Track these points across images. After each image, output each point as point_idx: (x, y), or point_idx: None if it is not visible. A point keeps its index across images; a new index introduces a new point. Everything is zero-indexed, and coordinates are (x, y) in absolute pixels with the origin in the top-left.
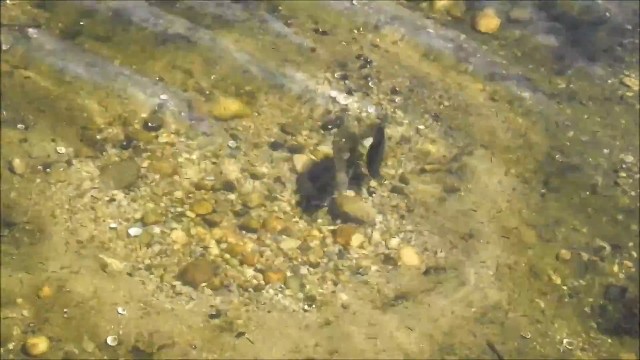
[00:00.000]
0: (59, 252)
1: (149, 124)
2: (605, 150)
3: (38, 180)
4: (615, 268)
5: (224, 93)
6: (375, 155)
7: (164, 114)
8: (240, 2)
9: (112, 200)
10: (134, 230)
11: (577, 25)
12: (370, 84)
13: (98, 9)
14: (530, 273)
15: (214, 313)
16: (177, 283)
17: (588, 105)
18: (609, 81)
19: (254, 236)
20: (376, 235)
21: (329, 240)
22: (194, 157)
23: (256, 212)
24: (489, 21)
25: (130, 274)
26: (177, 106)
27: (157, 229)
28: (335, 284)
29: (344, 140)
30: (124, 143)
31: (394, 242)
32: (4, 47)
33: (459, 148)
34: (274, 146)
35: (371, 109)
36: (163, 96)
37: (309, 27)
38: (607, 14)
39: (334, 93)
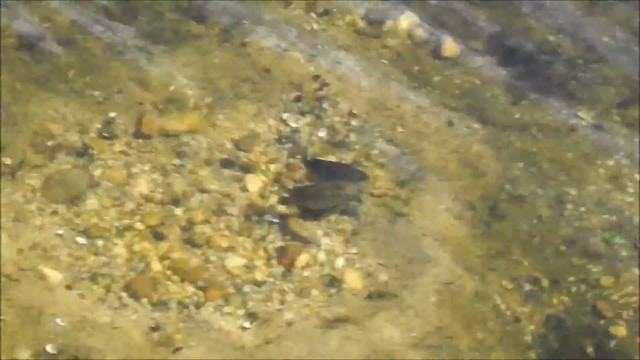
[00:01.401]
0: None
1: (103, 134)
2: (552, 182)
3: None
4: (555, 300)
5: (176, 109)
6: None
7: (116, 126)
8: (199, 19)
9: (56, 210)
10: (79, 241)
11: (532, 58)
12: (324, 106)
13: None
14: (474, 300)
15: (154, 326)
16: (123, 295)
17: (539, 138)
18: (561, 115)
19: (199, 252)
20: (322, 257)
21: (274, 260)
22: (145, 169)
23: (201, 228)
24: (450, 47)
25: (69, 286)
26: (129, 120)
27: (101, 241)
28: (279, 302)
29: (295, 160)
30: (78, 151)
31: (339, 264)
32: None
33: (409, 173)
34: (225, 164)
35: (323, 132)
36: (112, 114)
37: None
38: (560, 49)
39: (285, 115)
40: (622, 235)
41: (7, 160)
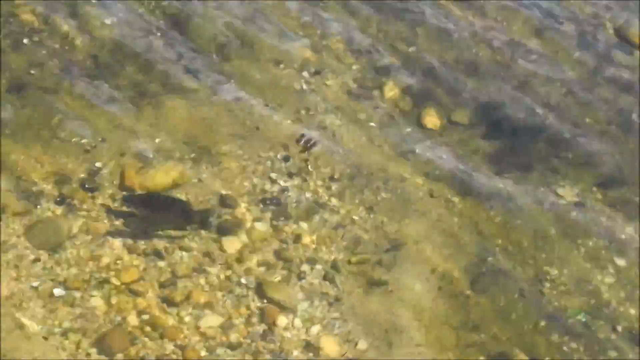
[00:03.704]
0: None
1: (85, 185)
2: (531, 261)
3: None
4: None
5: (161, 162)
6: None
7: (100, 177)
8: (191, 71)
9: (36, 259)
10: (56, 292)
11: (517, 131)
12: (310, 168)
13: (48, 62)
14: None
15: None
16: (93, 351)
17: (519, 213)
18: (543, 191)
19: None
20: (297, 322)
21: (254, 319)
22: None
23: (182, 284)
24: (433, 119)
25: (45, 338)
26: (112, 172)
27: (78, 293)
28: None
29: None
30: (58, 199)
31: (315, 329)
32: None
33: (389, 241)
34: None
35: (308, 195)
36: (98, 164)
37: (258, 103)
38: (547, 122)
39: (274, 174)
40: (599, 317)
41: None
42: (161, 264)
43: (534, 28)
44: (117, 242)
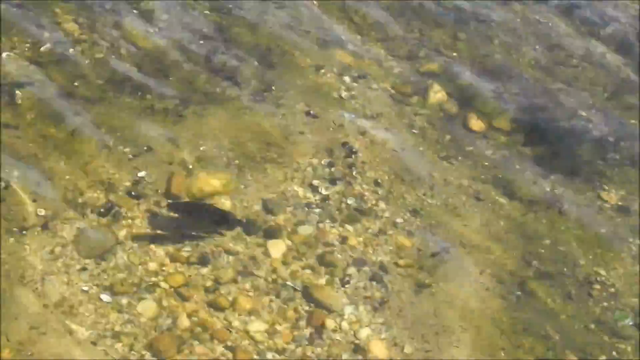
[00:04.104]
0: (25, 315)
1: (132, 193)
2: (578, 264)
3: (12, 239)
4: None
5: (206, 169)
6: None
7: (145, 185)
8: (234, 79)
9: (85, 266)
10: (104, 297)
11: (561, 134)
12: (354, 173)
13: (92, 72)
14: None
15: None
16: (146, 353)
17: (566, 216)
18: (588, 194)
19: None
20: (345, 325)
21: (301, 323)
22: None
23: (227, 289)
24: (478, 122)
25: (94, 343)
26: (158, 179)
27: (126, 299)
28: None
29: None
30: (105, 208)
31: (364, 333)
32: None
33: (436, 244)
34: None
35: (351, 200)
36: (141, 173)
37: (300, 109)
38: (590, 126)
39: (317, 180)
40: None
41: (42, 212)
42: (205, 270)
43: (577, 30)
44: (163, 248)
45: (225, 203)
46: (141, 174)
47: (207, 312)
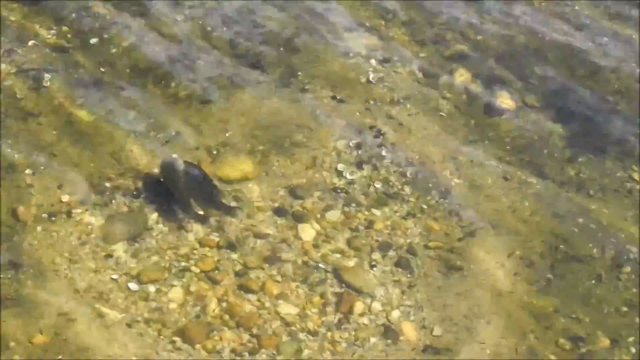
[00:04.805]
0: (57, 300)
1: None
2: (613, 240)
3: (40, 227)
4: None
5: (232, 154)
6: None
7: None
8: (259, 64)
9: (114, 251)
10: (133, 285)
11: (590, 115)
12: (381, 156)
13: (119, 59)
14: (530, 358)
15: None
16: (177, 339)
17: (596, 196)
18: (618, 174)
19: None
20: (377, 306)
21: (329, 308)
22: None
23: (255, 274)
24: (507, 101)
25: (129, 325)
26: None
27: (155, 284)
28: (332, 353)
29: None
30: (135, 193)
31: (395, 315)
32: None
33: (464, 227)
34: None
35: (378, 184)
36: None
37: (326, 94)
38: (619, 106)
39: (343, 165)
40: None
41: (69, 198)
42: (235, 255)
43: (606, 12)
44: (194, 232)
45: (252, 188)
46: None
47: (237, 295)
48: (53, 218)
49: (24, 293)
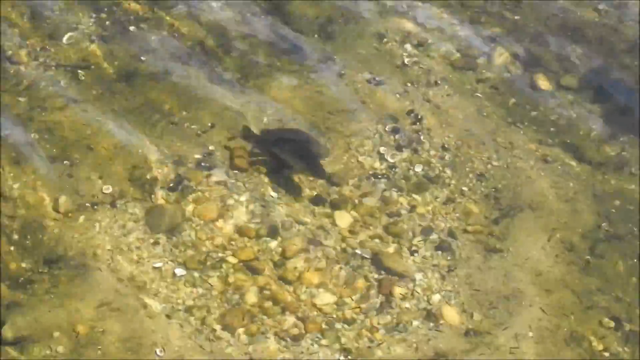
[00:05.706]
0: (98, 291)
1: (200, 166)
2: None
3: (82, 218)
4: None
5: None
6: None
7: (212, 159)
8: (295, 51)
9: (155, 242)
10: (178, 271)
11: (629, 94)
12: (420, 139)
13: (156, 49)
14: (571, 339)
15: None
16: (217, 327)
17: (635, 176)
18: None
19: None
20: (418, 291)
21: (372, 292)
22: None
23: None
24: (545, 82)
25: (169, 316)
26: (223, 153)
27: (197, 273)
28: (371, 340)
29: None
30: (173, 183)
31: (436, 299)
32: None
33: (503, 210)
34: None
35: (419, 168)
36: (211, 146)
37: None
38: None
39: (383, 148)
40: None
41: (108, 189)
42: (274, 242)
43: None
44: (233, 221)
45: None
46: (209, 148)
47: (277, 284)
48: (96, 207)
49: (63, 286)
